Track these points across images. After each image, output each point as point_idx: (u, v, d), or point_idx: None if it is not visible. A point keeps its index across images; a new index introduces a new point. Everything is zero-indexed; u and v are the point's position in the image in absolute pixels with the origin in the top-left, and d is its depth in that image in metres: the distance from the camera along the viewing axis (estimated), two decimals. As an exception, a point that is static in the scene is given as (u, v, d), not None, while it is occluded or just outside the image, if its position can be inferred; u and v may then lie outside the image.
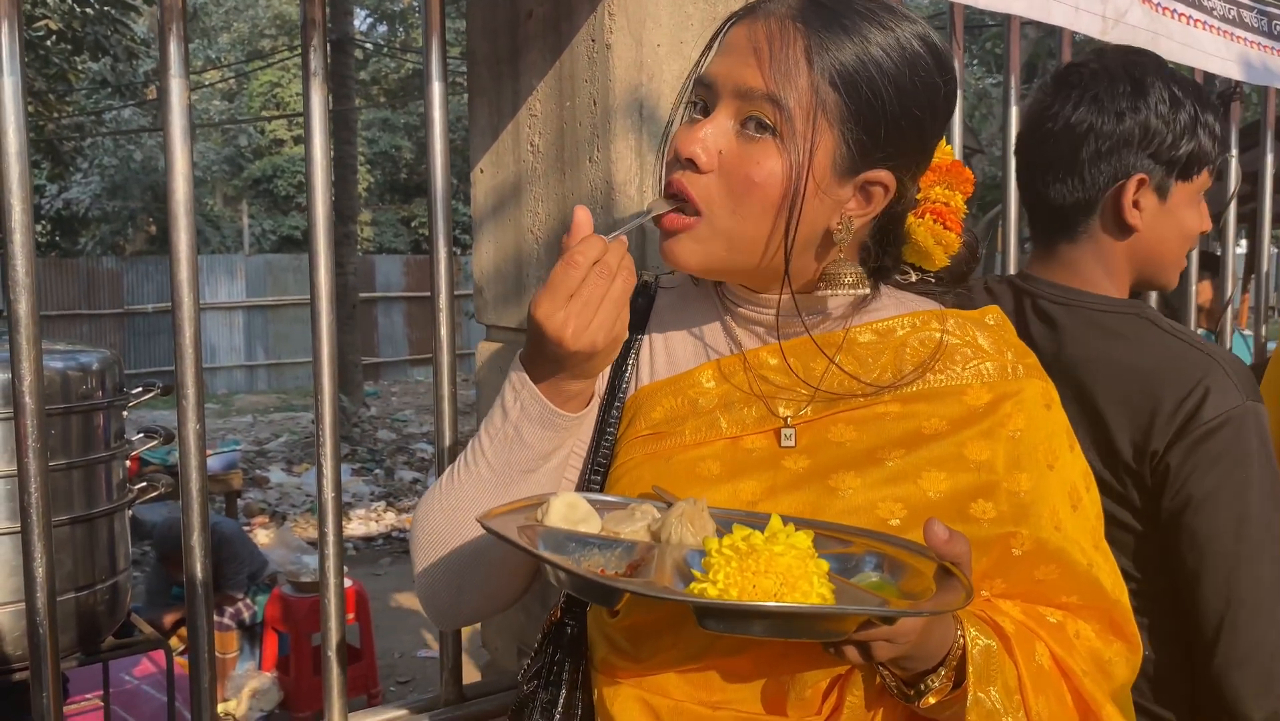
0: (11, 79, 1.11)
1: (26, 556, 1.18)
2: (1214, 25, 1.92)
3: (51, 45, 10.67)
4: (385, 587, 6.29)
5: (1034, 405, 0.91)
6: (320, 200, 1.30)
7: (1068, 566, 0.88)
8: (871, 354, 0.94)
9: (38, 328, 1.16)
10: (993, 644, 0.83)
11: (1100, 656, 0.91)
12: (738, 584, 0.71)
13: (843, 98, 0.84)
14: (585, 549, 0.80)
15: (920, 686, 0.82)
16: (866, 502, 0.87)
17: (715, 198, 0.87)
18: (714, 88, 0.88)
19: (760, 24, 0.86)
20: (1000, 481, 0.87)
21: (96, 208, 18.16)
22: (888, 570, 0.79)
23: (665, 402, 0.97)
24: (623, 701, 0.91)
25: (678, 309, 1.03)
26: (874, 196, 0.90)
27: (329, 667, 1.37)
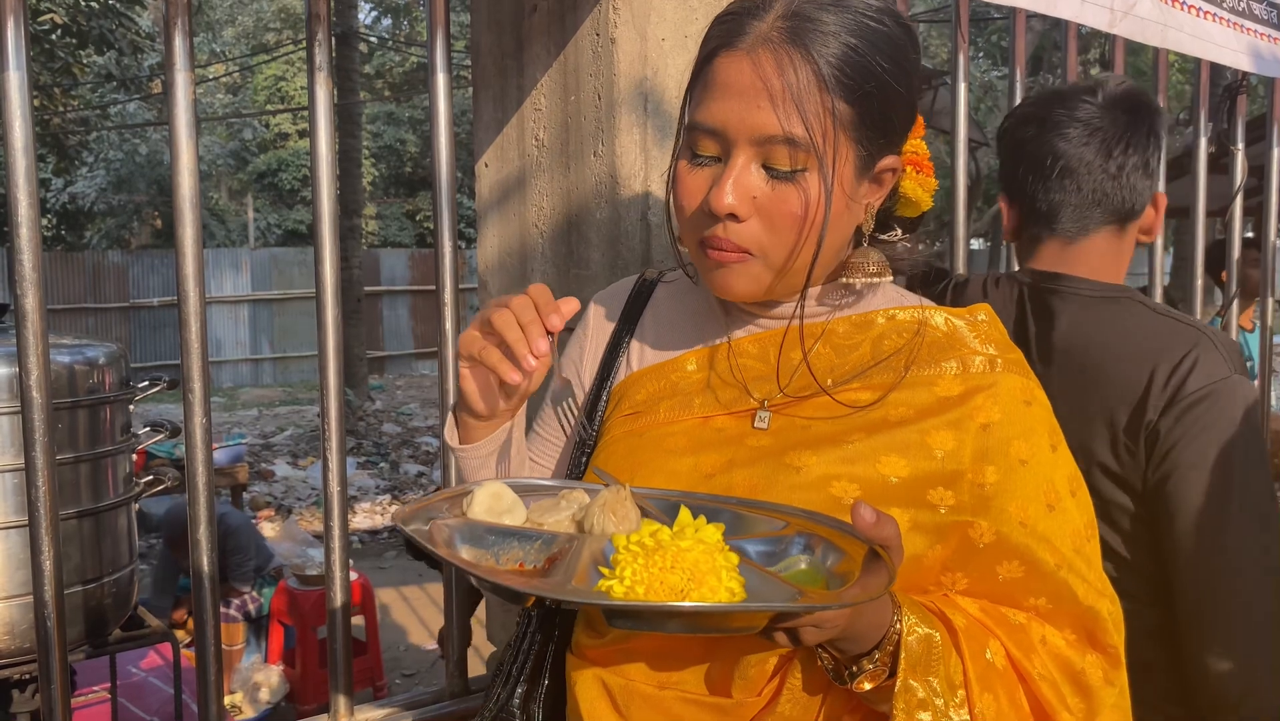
0: (17, 74, 1.11)
1: (34, 550, 1.18)
2: (1224, 17, 1.91)
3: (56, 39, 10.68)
4: (390, 581, 6.30)
5: (1010, 400, 0.91)
6: (325, 194, 1.30)
7: (1033, 565, 0.87)
8: (850, 344, 0.95)
9: (45, 322, 1.16)
10: (935, 634, 0.82)
11: (1070, 665, 0.88)
12: (644, 580, 0.69)
13: (853, 107, 0.85)
14: (505, 542, 0.79)
15: (853, 669, 0.82)
16: (820, 480, 0.88)
17: (763, 239, 0.88)
18: (726, 135, 0.86)
19: (759, 56, 0.85)
20: (965, 472, 0.87)
21: (102, 202, 18.19)
22: (820, 552, 0.78)
23: (649, 386, 1.00)
24: (584, 681, 0.93)
25: (673, 302, 1.06)
26: (885, 181, 0.93)
27: (335, 661, 1.37)
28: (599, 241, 1.48)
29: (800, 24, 0.84)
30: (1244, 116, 2.28)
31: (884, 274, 0.95)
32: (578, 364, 1.08)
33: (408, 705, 1.45)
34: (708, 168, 0.88)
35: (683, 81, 1.42)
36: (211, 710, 1.31)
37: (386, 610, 5.71)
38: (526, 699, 0.99)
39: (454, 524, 0.81)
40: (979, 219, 12.96)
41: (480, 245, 1.76)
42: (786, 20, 0.85)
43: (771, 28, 0.85)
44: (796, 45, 0.84)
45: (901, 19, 0.89)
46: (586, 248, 1.50)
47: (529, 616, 1.02)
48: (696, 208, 0.89)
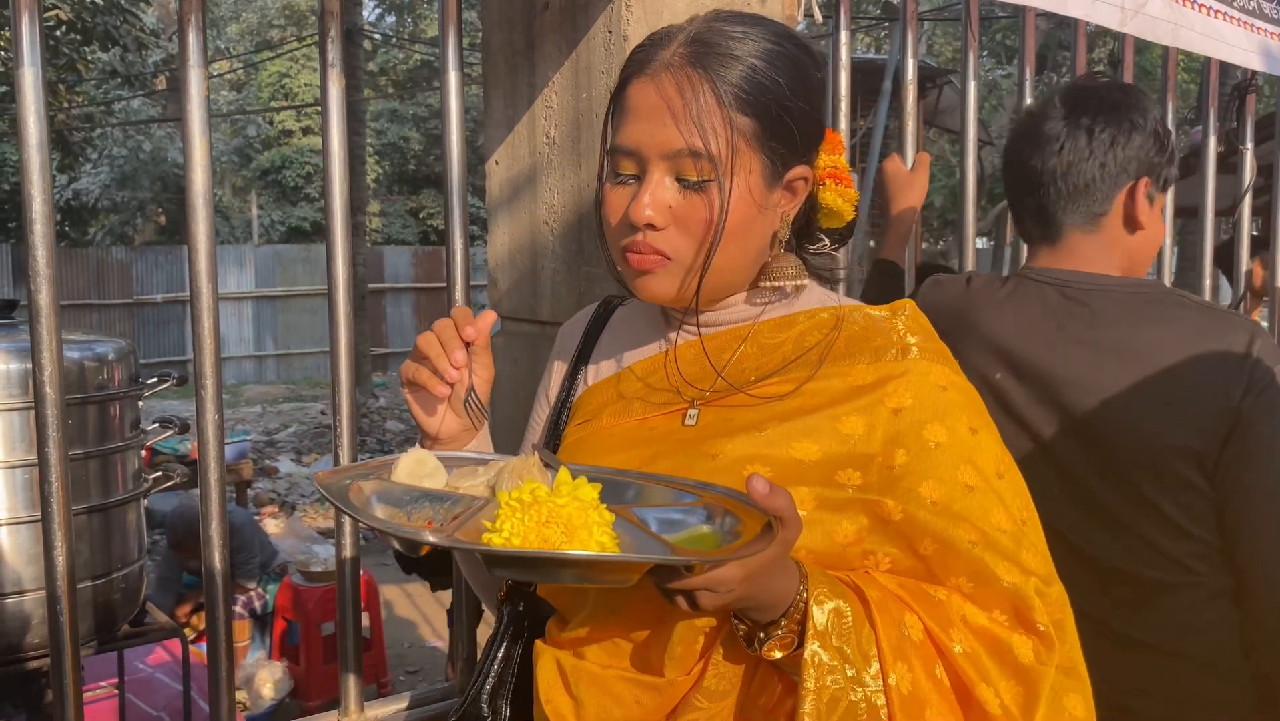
0: (32, 70, 1.11)
1: (47, 545, 1.19)
2: (1234, 16, 1.91)
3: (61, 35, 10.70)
4: (395, 577, 6.31)
5: (923, 385, 0.96)
6: (338, 189, 1.31)
7: (947, 544, 0.90)
8: (774, 343, 1.02)
9: (58, 318, 1.17)
10: (844, 605, 0.86)
11: (997, 641, 0.90)
12: (520, 533, 0.75)
13: (754, 120, 0.93)
14: (418, 502, 0.84)
15: (761, 636, 0.86)
16: (734, 463, 0.93)
17: (679, 244, 0.95)
18: (640, 154, 0.94)
19: (661, 80, 0.93)
20: (875, 455, 0.92)
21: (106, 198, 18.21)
22: (720, 521, 0.82)
23: (597, 398, 1.08)
24: (543, 663, 0.98)
25: (627, 321, 1.14)
26: (798, 189, 1.00)
27: (345, 656, 1.37)
28: (610, 239, 1.48)
29: (700, 49, 0.93)
30: (1252, 115, 2.28)
31: (800, 277, 1.02)
32: (547, 388, 1.17)
33: (417, 701, 1.46)
34: (628, 185, 0.96)
35: (694, 79, 1.43)
36: (223, 706, 1.32)
37: (390, 607, 5.72)
38: (494, 692, 1.04)
39: (374, 486, 0.86)
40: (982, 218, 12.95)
41: (490, 242, 1.76)
42: (687, 46, 0.93)
43: (674, 54, 0.93)
44: (695, 67, 0.92)
45: (801, 41, 0.97)
46: (597, 245, 1.50)
47: (502, 615, 1.07)
48: (619, 221, 0.96)
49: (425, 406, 1.01)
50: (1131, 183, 1.40)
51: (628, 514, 0.83)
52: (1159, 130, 1.41)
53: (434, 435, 1.02)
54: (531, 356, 1.68)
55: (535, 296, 1.66)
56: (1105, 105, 1.41)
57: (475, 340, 0.98)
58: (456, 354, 0.96)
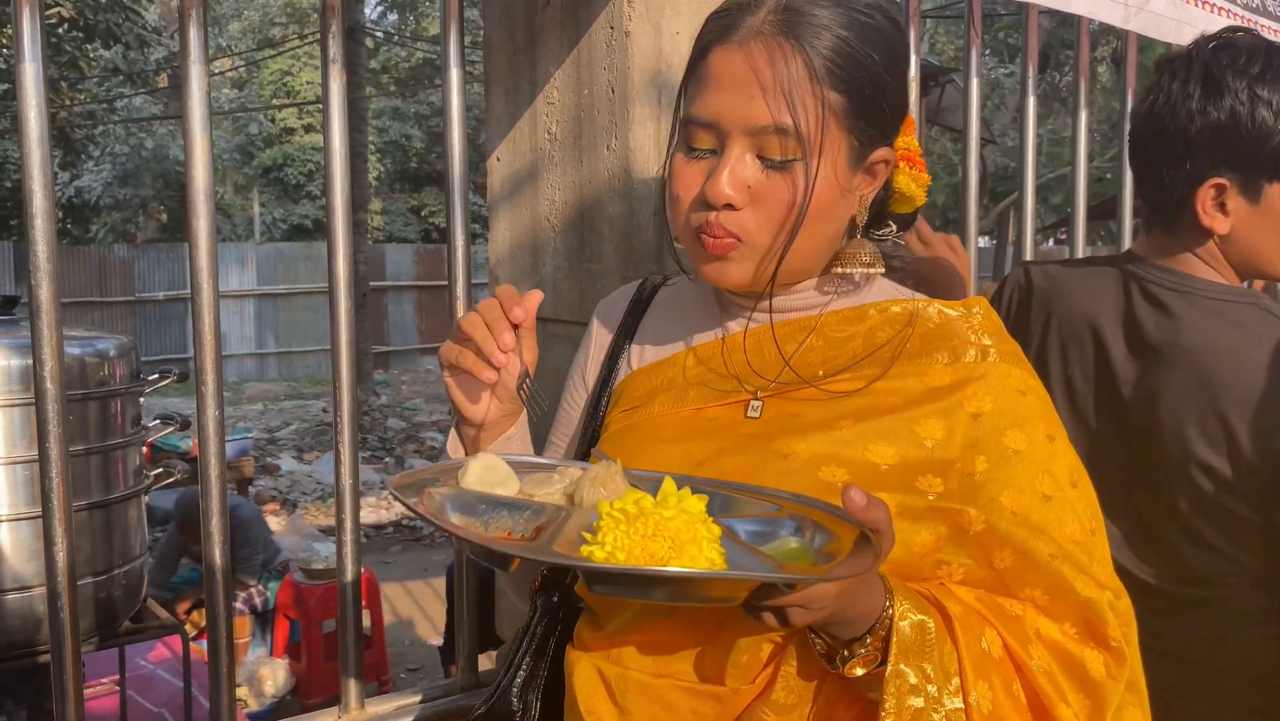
0: (33, 65, 1.11)
1: (47, 541, 1.19)
2: (1238, 13, 1.90)
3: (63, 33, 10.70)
4: (395, 575, 6.31)
5: (1003, 389, 0.91)
6: (339, 186, 1.30)
7: (1026, 555, 0.87)
8: (842, 336, 0.96)
9: (59, 314, 1.16)
10: (929, 621, 0.82)
11: (1069, 657, 0.87)
12: (625, 547, 0.70)
13: (844, 97, 0.87)
14: (495, 511, 0.80)
15: (845, 653, 0.82)
16: (808, 463, 0.88)
17: (754, 227, 0.89)
18: (721, 127, 0.88)
19: (751, 49, 0.86)
20: (954, 461, 0.88)
21: (108, 195, 18.22)
22: (810, 534, 0.78)
23: (646, 383, 1.02)
24: (582, 670, 0.93)
25: (673, 303, 1.08)
26: (878, 172, 0.95)
27: (346, 653, 1.37)
28: (611, 235, 1.47)
29: (792, 17, 0.86)
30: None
31: (877, 264, 0.97)
32: (583, 369, 1.11)
33: (417, 698, 1.45)
34: (704, 160, 0.90)
35: (696, 76, 1.42)
36: (224, 702, 1.31)
37: (391, 604, 5.72)
38: (525, 686, 1.00)
39: (446, 492, 0.82)
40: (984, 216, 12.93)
41: (492, 239, 1.76)
42: (778, 14, 0.86)
43: (764, 21, 0.86)
44: (788, 37, 0.85)
45: (892, 15, 0.91)
46: (599, 241, 1.50)
47: (535, 606, 1.04)
48: (693, 198, 0.90)
49: (468, 392, 0.96)
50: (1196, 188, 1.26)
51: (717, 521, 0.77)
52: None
53: (477, 422, 0.97)
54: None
55: (537, 293, 1.66)
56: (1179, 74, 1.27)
57: (523, 321, 0.92)
58: (504, 336, 0.89)
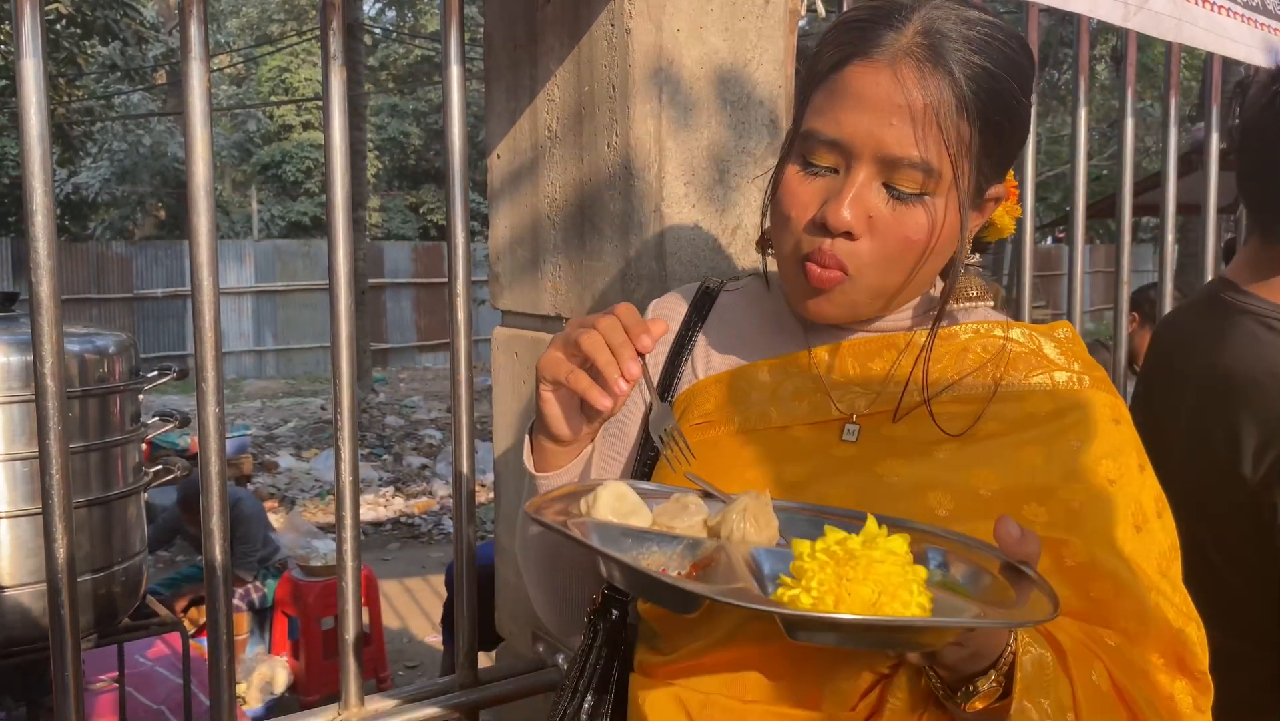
0: (33, 61, 1.11)
1: (48, 537, 1.18)
2: (1238, 12, 1.90)
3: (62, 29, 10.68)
4: (394, 572, 6.31)
5: (1100, 418, 0.89)
6: (339, 182, 1.30)
7: (1124, 587, 0.85)
8: (934, 357, 0.92)
9: (59, 310, 1.16)
10: (1047, 655, 0.79)
11: (1160, 689, 0.85)
12: (833, 592, 0.66)
13: (982, 135, 0.82)
14: (643, 545, 0.76)
15: (968, 689, 0.78)
16: (914, 490, 0.85)
17: (867, 261, 0.85)
18: (850, 148, 0.82)
19: (900, 70, 0.80)
20: (1055, 489, 0.85)
21: (106, 192, 18.20)
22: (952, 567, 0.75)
23: (718, 394, 0.97)
24: (656, 700, 0.89)
25: (741, 310, 1.03)
26: (989, 209, 0.91)
27: (345, 651, 1.37)
28: (611, 233, 1.47)
29: (941, 41, 0.80)
30: (1256, 112, 2.27)
31: (985, 297, 0.94)
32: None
33: (417, 695, 1.45)
34: (822, 178, 0.85)
35: (697, 72, 1.42)
36: (223, 699, 1.31)
37: (390, 602, 5.72)
38: (594, 714, 0.97)
39: (590, 524, 0.77)
40: (984, 215, 12.90)
41: (491, 236, 1.76)
42: (927, 37, 0.81)
43: (912, 42, 0.81)
44: (939, 64, 0.80)
45: (1023, 41, 0.86)
46: (599, 239, 1.50)
47: (595, 630, 0.99)
48: (807, 220, 0.85)
49: (566, 410, 0.89)
50: None
51: None
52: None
53: (561, 439, 0.90)
54: (533, 351, 1.68)
55: (537, 290, 1.66)
56: None
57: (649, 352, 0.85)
58: (631, 366, 0.82)
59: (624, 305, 0.85)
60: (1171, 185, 2.02)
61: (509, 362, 1.74)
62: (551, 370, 0.86)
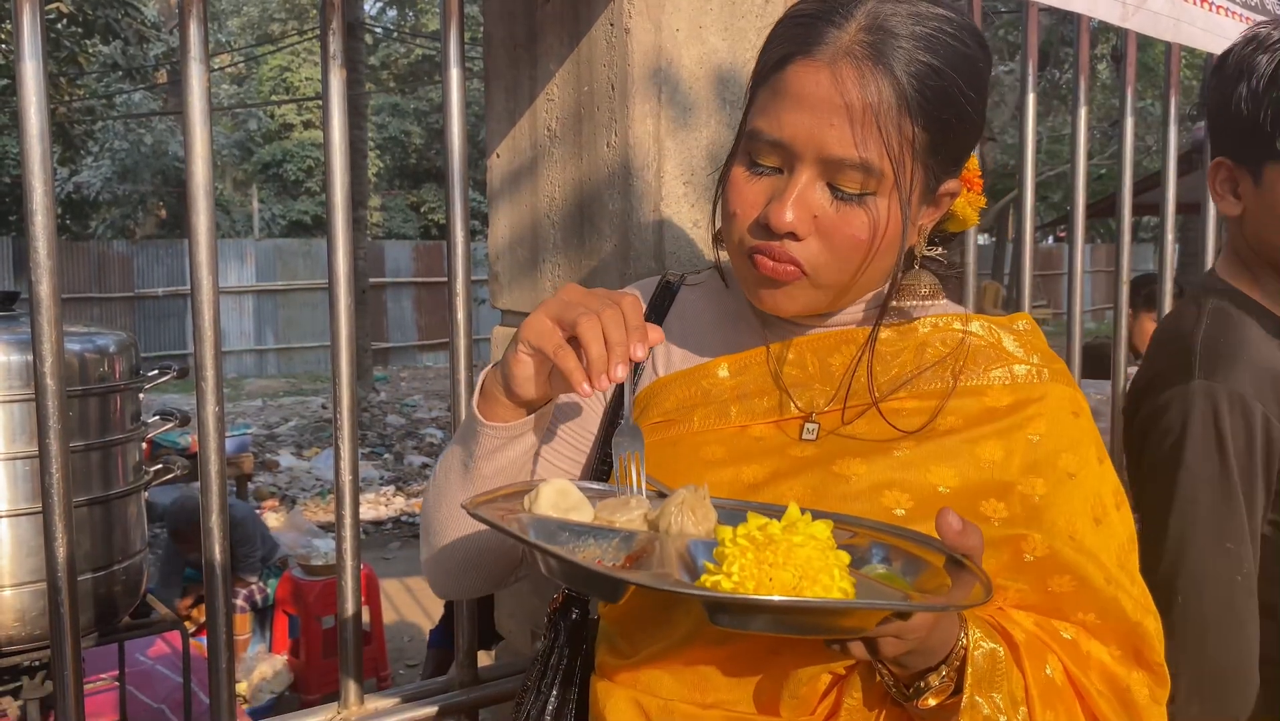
0: (33, 62, 1.11)
1: (48, 536, 1.19)
2: (1236, 11, 1.90)
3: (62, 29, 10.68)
4: (394, 571, 6.32)
5: (1058, 411, 0.89)
6: (339, 182, 1.30)
7: (1083, 580, 0.85)
8: (892, 351, 0.92)
9: (59, 309, 1.16)
10: (999, 649, 0.80)
11: (1117, 680, 0.86)
12: (754, 576, 0.67)
13: (928, 134, 0.81)
14: (580, 538, 0.77)
15: (919, 685, 0.79)
16: (871, 489, 0.85)
17: (820, 260, 0.84)
18: (792, 149, 0.81)
19: (840, 70, 0.79)
20: (1014, 483, 0.85)
21: (107, 191, 18.20)
22: (898, 562, 0.76)
23: (678, 392, 0.96)
24: (614, 701, 0.89)
25: (701, 305, 1.02)
26: (943, 204, 0.91)
27: (345, 650, 1.37)
28: (611, 232, 1.48)
29: (884, 39, 0.79)
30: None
31: (936, 296, 0.93)
32: None
33: (417, 694, 1.46)
34: (766, 177, 0.84)
35: (697, 72, 1.42)
36: (223, 699, 1.32)
37: (390, 601, 5.73)
38: (558, 713, 0.97)
39: (526, 518, 0.78)
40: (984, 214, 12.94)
41: (491, 236, 1.76)
42: (870, 34, 0.79)
43: (854, 40, 0.79)
44: (880, 63, 0.78)
45: (980, 39, 0.85)
46: (598, 239, 1.50)
47: (557, 628, 1.00)
48: (752, 220, 0.85)
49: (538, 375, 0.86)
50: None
51: None
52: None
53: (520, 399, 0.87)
54: (532, 350, 1.68)
55: (536, 290, 1.66)
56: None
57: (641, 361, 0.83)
58: (619, 368, 0.79)
59: (632, 298, 0.83)
60: (1171, 184, 2.02)
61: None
62: (539, 339, 0.83)
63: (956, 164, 0.88)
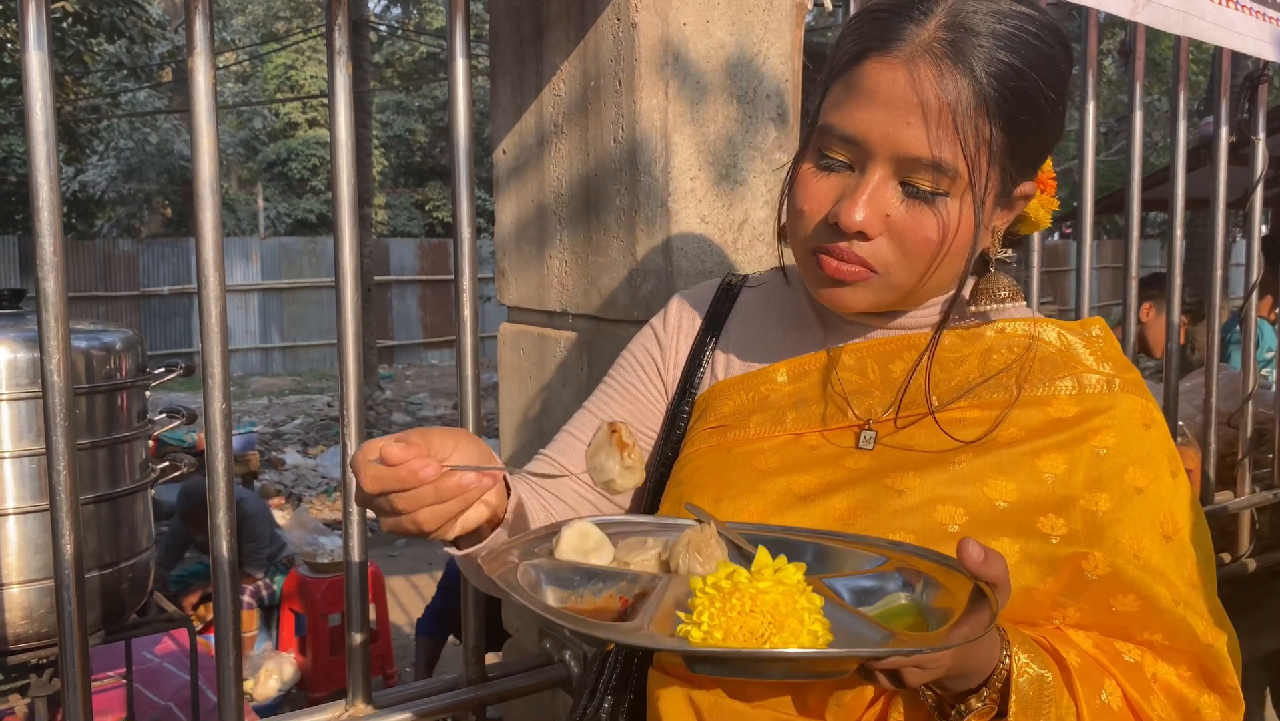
0: (39, 54, 1.11)
1: (55, 534, 1.18)
2: (1246, 5, 1.89)
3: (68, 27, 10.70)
4: (401, 569, 6.32)
5: (1128, 423, 0.86)
6: (345, 179, 1.30)
7: (1149, 600, 0.82)
8: (956, 358, 0.90)
9: (66, 306, 1.16)
10: (1048, 674, 0.77)
11: (1186, 703, 0.83)
12: (722, 625, 0.67)
13: (1007, 136, 0.79)
14: (590, 583, 0.76)
15: (961, 708, 0.77)
16: (924, 504, 0.83)
17: (890, 259, 0.83)
18: (866, 146, 0.80)
19: (918, 68, 0.77)
20: (1077, 498, 0.83)
21: (113, 190, 18.23)
22: (921, 589, 0.74)
23: (736, 397, 0.95)
24: (670, 697, 0.89)
25: (761, 308, 1.01)
26: (1018, 206, 0.89)
27: (353, 647, 1.37)
28: (617, 227, 1.47)
29: (964, 37, 0.77)
30: (1265, 106, 2.26)
31: (1016, 298, 0.91)
32: (659, 366, 1.02)
33: (424, 692, 1.45)
34: (836, 173, 0.82)
35: (704, 66, 1.42)
36: (230, 696, 1.31)
37: (397, 598, 5.73)
38: (614, 712, 0.97)
39: (541, 565, 0.78)
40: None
41: (497, 232, 1.75)
42: (950, 31, 0.77)
43: (933, 38, 0.77)
44: (959, 62, 0.77)
45: (1064, 39, 0.82)
46: (605, 234, 1.49)
47: None
48: (820, 217, 0.83)
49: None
50: None
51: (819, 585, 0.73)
52: None
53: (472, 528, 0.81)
54: (539, 346, 1.68)
55: (543, 286, 1.65)
56: None
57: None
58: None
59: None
60: (1180, 180, 2.00)
61: (515, 359, 1.73)
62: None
63: (1033, 166, 0.86)
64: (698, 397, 0.98)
